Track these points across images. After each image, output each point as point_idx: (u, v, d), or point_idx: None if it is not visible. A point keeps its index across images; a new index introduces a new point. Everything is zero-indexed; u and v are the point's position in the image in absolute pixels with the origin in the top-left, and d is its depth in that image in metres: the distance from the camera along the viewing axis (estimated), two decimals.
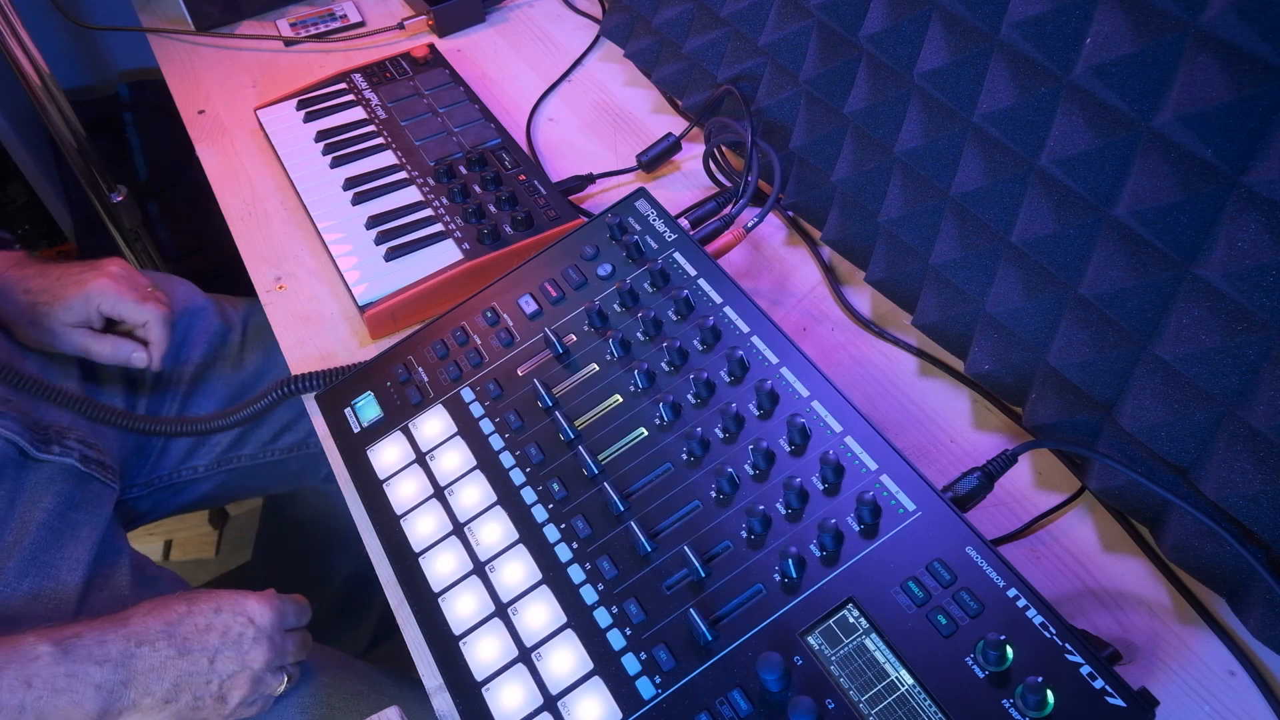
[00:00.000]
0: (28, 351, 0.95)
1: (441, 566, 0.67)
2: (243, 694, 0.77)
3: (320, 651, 0.96)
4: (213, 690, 0.75)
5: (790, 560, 0.59)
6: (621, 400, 0.71)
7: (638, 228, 0.80)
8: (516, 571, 0.65)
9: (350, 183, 1.01)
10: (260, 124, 1.11)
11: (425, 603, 0.66)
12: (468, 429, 0.74)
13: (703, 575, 0.61)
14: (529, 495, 0.69)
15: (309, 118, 1.10)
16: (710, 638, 0.58)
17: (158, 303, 0.95)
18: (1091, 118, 0.60)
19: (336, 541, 1.34)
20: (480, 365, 0.77)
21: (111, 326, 0.96)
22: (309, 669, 0.91)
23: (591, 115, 1.11)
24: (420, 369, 0.78)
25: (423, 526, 0.70)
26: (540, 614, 0.63)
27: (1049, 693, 0.52)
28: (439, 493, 0.71)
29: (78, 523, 0.88)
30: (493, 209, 0.94)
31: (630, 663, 0.60)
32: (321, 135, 1.07)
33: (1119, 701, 0.51)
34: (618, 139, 1.07)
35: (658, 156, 1.00)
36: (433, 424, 0.75)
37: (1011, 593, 0.56)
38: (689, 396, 0.69)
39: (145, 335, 0.96)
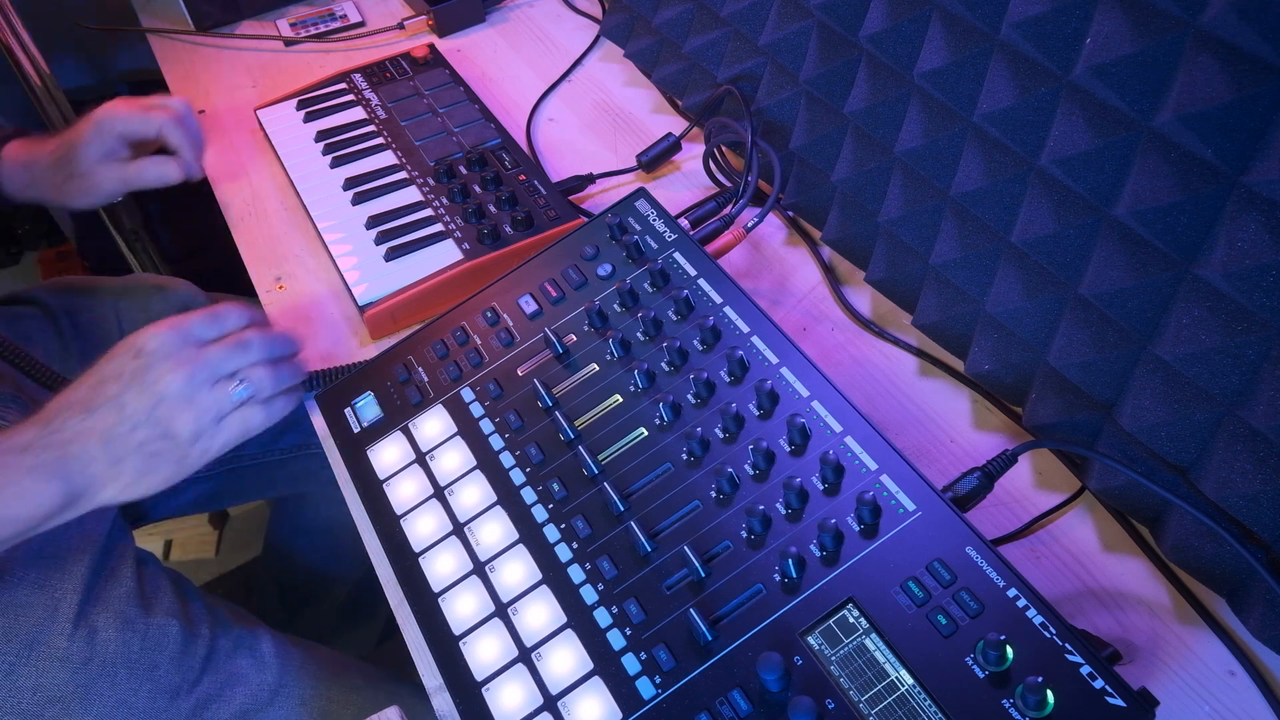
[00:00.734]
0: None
1: (441, 566, 0.67)
2: (187, 420, 0.70)
3: (319, 651, 0.96)
4: (148, 431, 0.69)
5: (790, 560, 0.59)
6: (621, 400, 0.71)
7: (638, 228, 0.80)
8: (516, 571, 0.65)
9: (350, 183, 1.01)
10: (260, 124, 1.11)
11: (425, 603, 0.66)
12: (468, 429, 0.74)
13: (703, 575, 0.61)
14: (529, 495, 0.69)
15: (309, 118, 1.10)
16: (710, 638, 0.58)
17: (162, 109, 0.98)
18: (1091, 118, 0.60)
19: (346, 544, 1.34)
20: (480, 365, 0.77)
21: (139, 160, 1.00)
22: (304, 667, 0.91)
23: (591, 115, 1.11)
24: (420, 369, 0.78)
25: (423, 526, 0.70)
26: (540, 614, 0.63)
27: (1049, 693, 0.52)
28: (439, 493, 0.71)
29: (84, 515, 0.89)
30: (493, 209, 0.94)
31: (630, 663, 0.59)
32: (321, 135, 1.07)
33: (1119, 701, 0.51)
34: (618, 139, 1.07)
35: (658, 156, 1.00)
36: (433, 424, 0.75)
37: (1011, 593, 0.56)
38: (689, 396, 0.69)
39: (168, 145, 0.99)
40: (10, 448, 0.68)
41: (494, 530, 0.68)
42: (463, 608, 0.65)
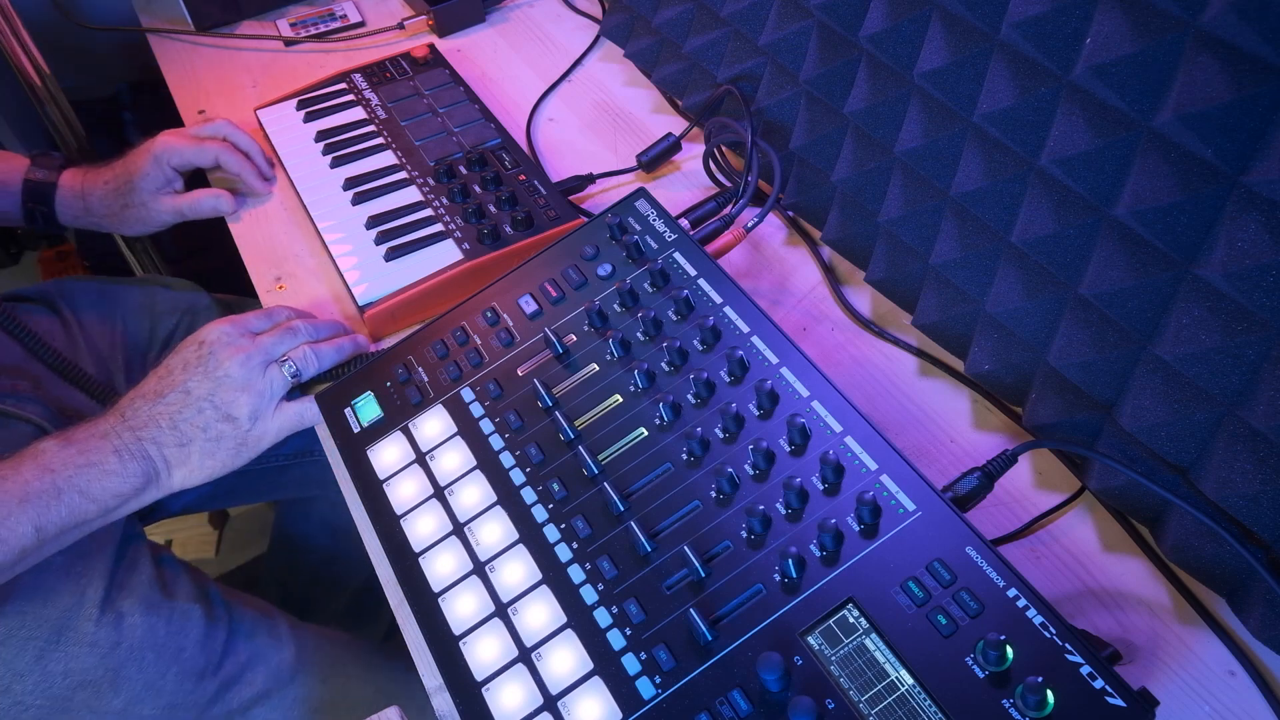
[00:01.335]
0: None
1: (441, 566, 0.67)
2: (244, 402, 0.77)
3: (332, 633, 0.98)
4: (211, 414, 0.76)
5: (790, 560, 0.59)
6: (621, 400, 0.71)
7: (638, 228, 0.80)
8: (516, 571, 0.66)
9: (350, 183, 1.01)
10: (260, 124, 1.11)
11: (425, 603, 0.66)
12: (468, 429, 0.74)
13: (703, 575, 0.61)
14: (529, 495, 0.69)
15: (309, 118, 1.10)
16: (710, 638, 0.58)
17: (213, 140, 1.03)
18: (1091, 118, 0.60)
19: (350, 548, 1.35)
20: (480, 365, 0.77)
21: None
22: (320, 647, 0.92)
23: (591, 115, 1.11)
24: (420, 369, 0.78)
25: (423, 526, 0.70)
26: (540, 614, 0.63)
27: (1049, 693, 0.52)
28: (439, 493, 0.71)
29: None
30: (493, 209, 0.94)
31: (630, 663, 0.60)
32: (321, 135, 1.07)
33: (1119, 701, 0.51)
34: (618, 139, 1.07)
35: (658, 156, 1.00)
36: (433, 424, 0.75)
37: (1011, 593, 0.56)
38: (689, 396, 0.69)
39: (228, 173, 1.03)
40: (94, 433, 0.74)
41: (494, 530, 0.68)
42: (463, 608, 0.65)
